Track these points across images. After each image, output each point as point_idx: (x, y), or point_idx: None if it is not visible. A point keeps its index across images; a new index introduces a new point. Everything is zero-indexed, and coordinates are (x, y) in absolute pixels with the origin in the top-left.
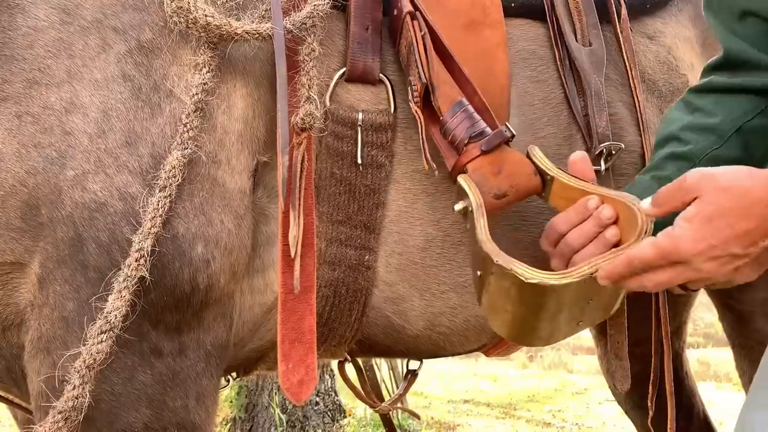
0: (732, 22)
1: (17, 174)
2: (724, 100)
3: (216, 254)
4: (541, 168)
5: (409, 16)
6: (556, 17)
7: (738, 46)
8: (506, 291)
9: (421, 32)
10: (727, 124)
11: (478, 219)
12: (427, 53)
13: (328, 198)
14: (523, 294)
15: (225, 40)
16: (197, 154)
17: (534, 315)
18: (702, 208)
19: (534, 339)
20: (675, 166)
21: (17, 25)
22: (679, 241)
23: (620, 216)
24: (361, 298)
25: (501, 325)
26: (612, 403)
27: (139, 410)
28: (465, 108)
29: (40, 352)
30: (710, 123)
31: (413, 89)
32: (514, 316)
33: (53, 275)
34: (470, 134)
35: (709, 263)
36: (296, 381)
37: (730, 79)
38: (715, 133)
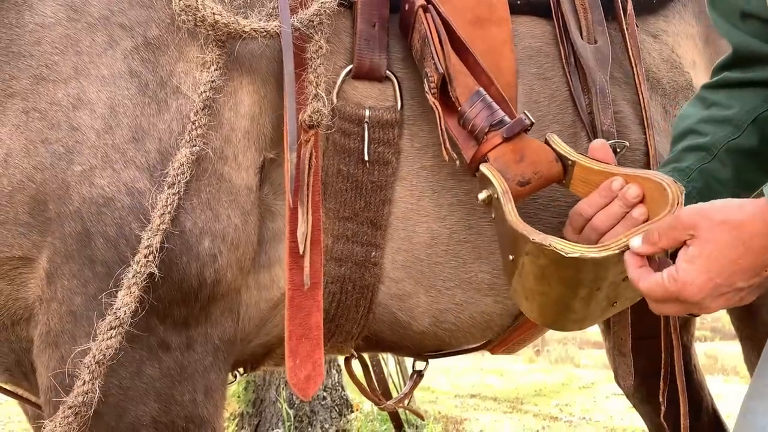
0: (735, 20)
1: (25, 169)
2: (739, 93)
3: (223, 249)
4: (562, 153)
5: (421, 9)
6: (562, 14)
7: (745, 42)
8: (543, 270)
9: (434, 24)
10: (742, 115)
11: (506, 203)
12: (443, 44)
13: (334, 194)
14: (562, 271)
15: (233, 38)
16: (205, 151)
17: (571, 294)
18: (702, 248)
19: (568, 322)
20: (694, 157)
21: (24, 22)
22: (685, 286)
23: (646, 194)
24: (367, 294)
25: (535, 310)
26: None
27: (147, 404)
28: (483, 97)
29: (48, 346)
30: (726, 115)
31: (429, 80)
32: (550, 298)
33: (61, 270)
34: (490, 122)
35: (716, 301)
36: (303, 377)
37: (742, 74)
38: (731, 124)
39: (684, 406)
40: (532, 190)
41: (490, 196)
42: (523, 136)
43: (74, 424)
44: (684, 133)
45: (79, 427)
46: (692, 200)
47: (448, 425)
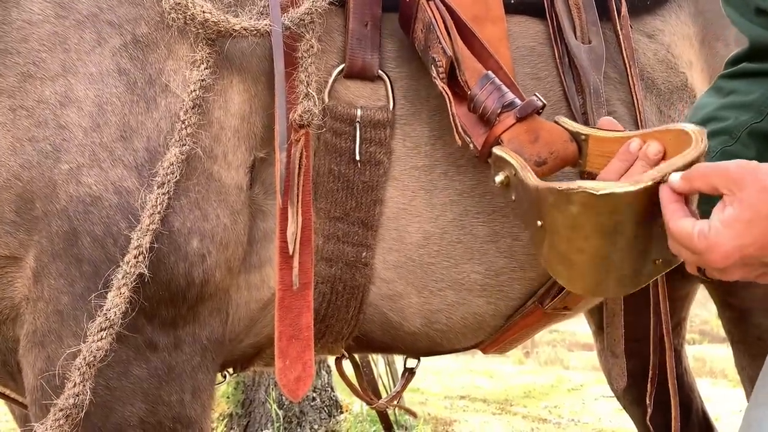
0: (750, 15)
1: (11, 168)
2: (759, 80)
3: (211, 249)
4: (574, 131)
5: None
6: (556, 14)
7: (763, 35)
8: (574, 221)
9: (439, 11)
10: (765, 99)
11: (527, 175)
12: (449, 29)
13: (325, 194)
14: (594, 217)
15: (223, 37)
16: (195, 151)
17: (609, 244)
18: (742, 212)
19: (611, 283)
20: (715, 141)
21: (11, 19)
22: (712, 248)
23: (667, 148)
24: (358, 294)
25: (574, 274)
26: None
27: (134, 404)
28: (493, 80)
29: (35, 346)
30: (747, 100)
31: (438, 66)
32: (587, 255)
33: (48, 269)
34: (502, 104)
35: (738, 270)
36: (293, 378)
37: (759, 64)
38: (753, 109)
39: (675, 410)
40: (550, 171)
41: (507, 177)
42: (535, 117)
43: (65, 426)
44: (703, 121)
45: (70, 429)
46: None
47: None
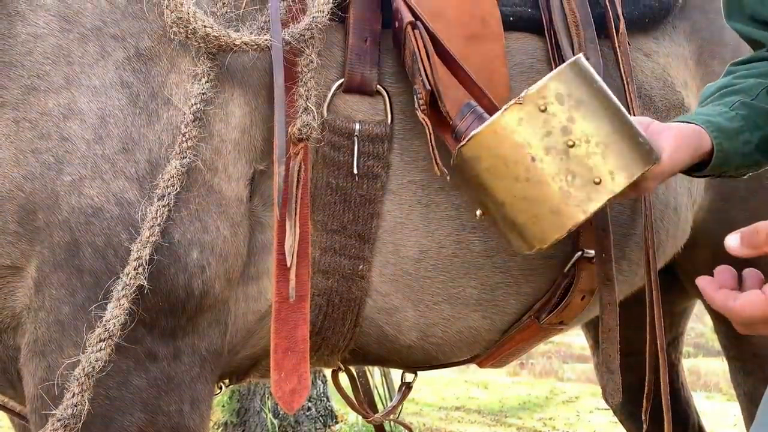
0: (759, 26)
1: (14, 179)
2: None
3: (211, 260)
4: None
5: (410, 26)
6: (554, 31)
7: None
8: (487, 167)
9: (422, 40)
10: None
11: None
12: (430, 59)
13: (323, 207)
14: (494, 154)
15: (224, 51)
16: (195, 163)
17: (528, 173)
18: None
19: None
20: (734, 97)
21: (17, 32)
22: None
23: None
24: (354, 307)
25: (527, 231)
26: (602, 411)
27: (133, 414)
28: (473, 108)
29: (36, 355)
30: (763, 69)
31: (419, 97)
32: (517, 198)
33: (49, 279)
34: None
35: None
36: (289, 390)
37: None
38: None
39: (668, 425)
40: None
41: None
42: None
43: None
44: (717, 89)
45: None
46: (738, 121)
47: None
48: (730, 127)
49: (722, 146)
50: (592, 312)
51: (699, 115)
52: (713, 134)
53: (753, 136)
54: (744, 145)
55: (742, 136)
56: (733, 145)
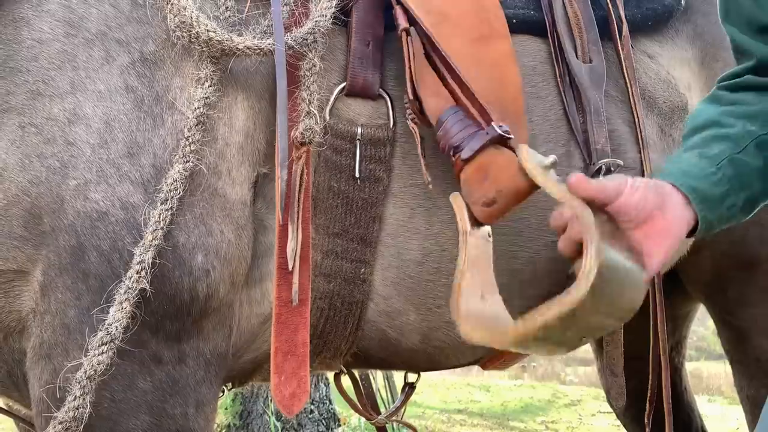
0: (752, 33)
1: (20, 183)
2: (763, 93)
3: (216, 264)
4: (532, 164)
5: (404, 32)
6: (557, 33)
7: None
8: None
9: (412, 47)
10: None
11: (460, 252)
12: (413, 69)
13: (325, 210)
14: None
15: (227, 55)
16: (198, 167)
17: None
18: None
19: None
20: (723, 145)
21: (22, 38)
22: None
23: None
24: (356, 311)
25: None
26: (605, 414)
27: (138, 417)
28: (449, 118)
29: (41, 358)
30: (753, 110)
31: (406, 105)
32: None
33: (55, 283)
34: (452, 146)
35: None
36: (288, 393)
37: (764, 78)
38: (759, 121)
39: (669, 428)
40: (501, 211)
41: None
42: (491, 151)
43: None
44: (705, 125)
45: None
46: (723, 185)
47: None
48: (715, 194)
49: (707, 218)
50: None
51: (685, 177)
52: (698, 207)
53: (738, 198)
54: (728, 210)
55: (728, 201)
56: (717, 214)
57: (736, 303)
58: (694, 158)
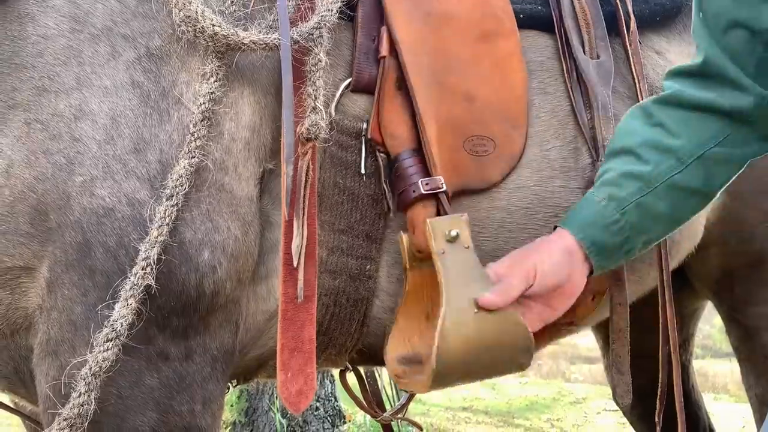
0: (717, 30)
1: (26, 180)
2: (689, 119)
3: (222, 260)
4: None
5: (382, 60)
6: (565, 29)
7: (719, 58)
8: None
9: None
10: (689, 148)
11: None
12: (380, 109)
13: (330, 207)
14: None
15: (232, 50)
16: (204, 163)
17: None
18: None
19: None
20: (632, 185)
21: (27, 34)
22: None
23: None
24: (361, 307)
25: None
26: (611, 412)
27: (145, 414)
28: (398, 165)
29: (48, 355)
30: (672, 144)
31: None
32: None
33: (62, 279)
34: (399, 191)
35: None
36: (295, 391)
37: (699, 92)
38: (675, 156)
39: (682, 426)
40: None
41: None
42: (417, 208)
43: None
44: (623, 151)
45: None
46: (623, 234)
47: None
48: (614, 243)
49: (602, 266)
50: (603, 313)
51: (589, 228)
52: (595, 259)
53: (637, 242)
54: (625, 254)
55: (626, 246)
56: (613, 261)
57: (744, 300)
58: (602, 202)
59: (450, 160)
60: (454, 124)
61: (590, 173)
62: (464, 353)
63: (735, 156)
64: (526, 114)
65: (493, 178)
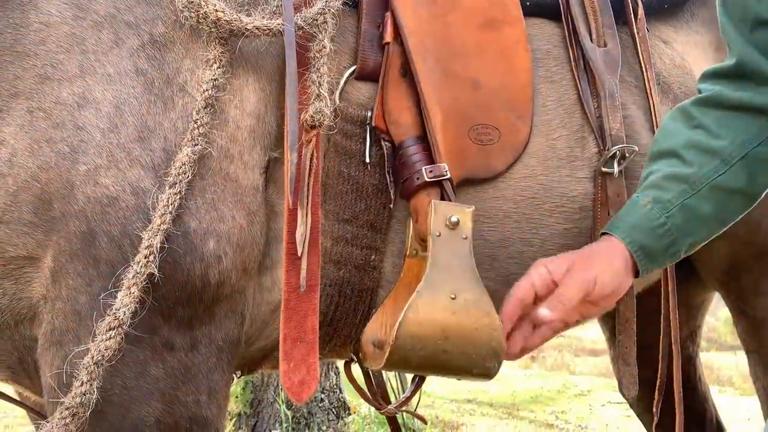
0: (744, 28)
1: (29, 169)
2: (730, 120)
3: (228, 250)
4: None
5: (386, 46)
6: (572, 17)
7: (752, 56)
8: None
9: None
10: (733, 148)
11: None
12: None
13: (334, 196)
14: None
15: (235, 36)
16: (208, 150)
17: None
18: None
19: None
20: (676, 188)
21: (29, 22)
22: None
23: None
24: (366, 298)
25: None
26: (615, 405)
27: (150, 404)
28: (402, 152)
29: (53, 345)
30: (715, 146)
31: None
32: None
33: (66, 269)
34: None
35: None
36: (297, 381)
37: (737, 93)
38: (719, 157)
39: (680, 416)
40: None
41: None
42: (420, 196)
43: (71, 425)
44: (667, 152)
45: (77, 428)
46: (669, 236)
47: (445, 430)
48: (660, 247)
49: (648, 269)
50: None
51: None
52: (642, 262)
53: (682, 245)
54: (671, 256)
55: (671, 249)
56: (659, 263)
57: (752, 292)
58: (647, 206)
59: (455, 148)
60: (458, 112)
61: (597, 163)
62: (429, 335)
63: None
64: (532, 103)
65: (497, 168)
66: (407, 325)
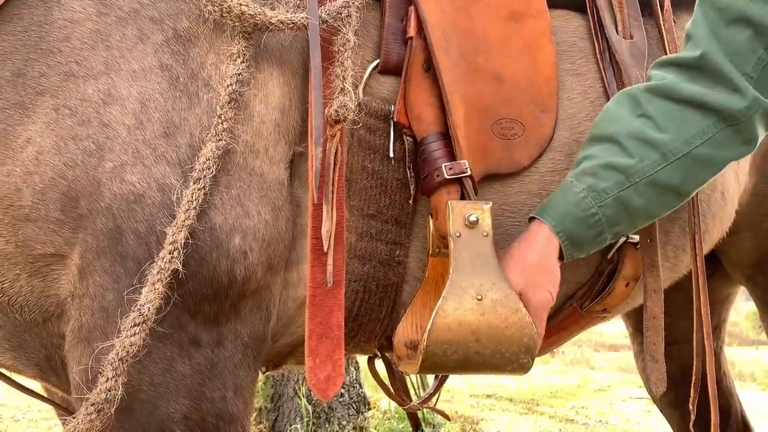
0: (718, 24)
1: (56, 167)
2: (678, 113)
3: (254, 246)
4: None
5: (409, 41)
6: (597, 9)
7: (717, 54)
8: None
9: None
10: (675, 144)
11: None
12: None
13: (359, 191)
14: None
15: (259, 30)
16: (232, 145)
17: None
18: None
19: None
20: (614, 178)
21: (53, 19)
22: None
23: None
24: (391, 293)
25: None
26: (636, 400)
27: (177, 401)
28: (423, 148)
29: (80, 342)
30: (657, 138)
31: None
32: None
33: (93, 266)
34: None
35: None
36: (323, 377)
37: (691, 86)
38: (660, 152)
39: (715, 415)
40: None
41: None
42: (441, 193)
43: (96, 421)
44: (608, 138)
45: (102, 424)
46: (598, 226)
47: (464, 425)
48: (588, 235)
49: (573, 256)
50: (636, 300)
51: (564, 220)
52: (567, 249)
53: (608, 234)
54: (597, 245)
55: (598, 239)
56: (584, 251)
57: None
58: (581, 193)
59: (477, 144)
60: (482, 106)
61: None
62: (460, 338)
63: (716, 158)
64: (556, 96)
65: (522, 162)
66: (436, 331)
